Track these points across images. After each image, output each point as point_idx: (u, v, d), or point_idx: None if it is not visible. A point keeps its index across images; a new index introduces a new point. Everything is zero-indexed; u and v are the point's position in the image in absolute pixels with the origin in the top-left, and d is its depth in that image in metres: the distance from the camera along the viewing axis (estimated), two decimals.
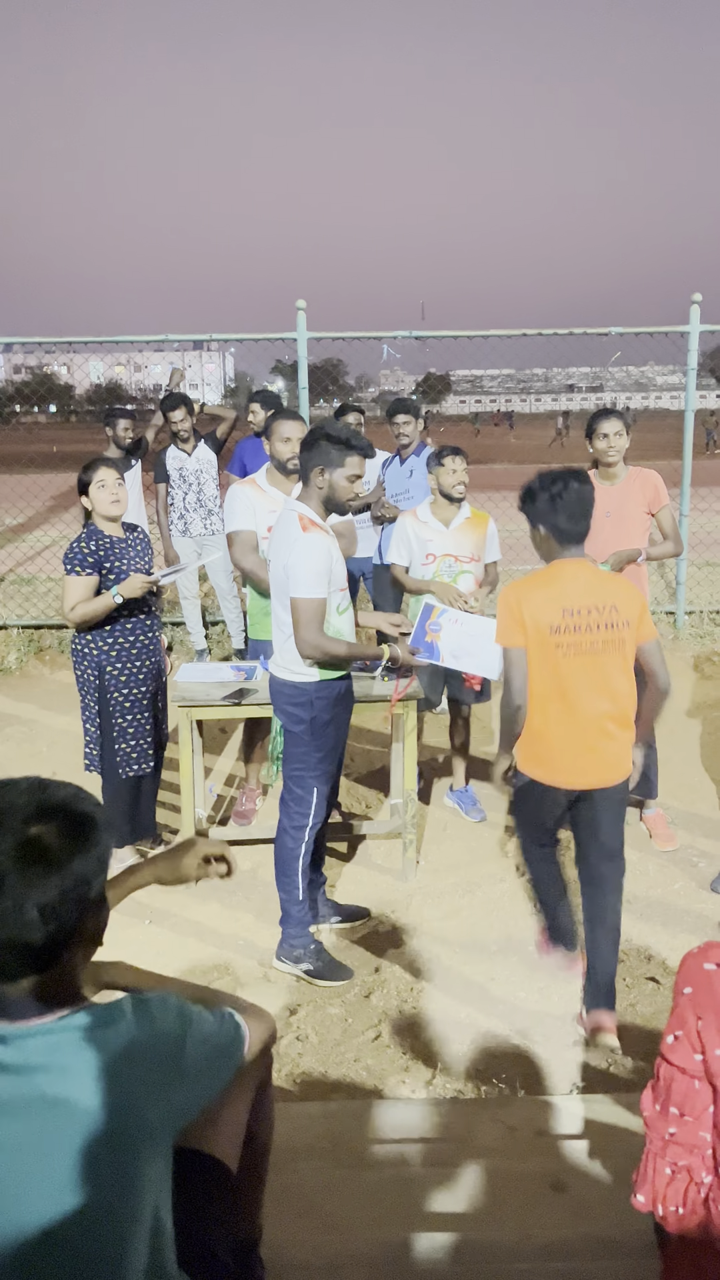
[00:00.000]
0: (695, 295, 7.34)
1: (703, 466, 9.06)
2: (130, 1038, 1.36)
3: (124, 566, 3.97)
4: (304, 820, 3.59)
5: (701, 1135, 1.40)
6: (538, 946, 3.64)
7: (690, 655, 7.26)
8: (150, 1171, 1.33)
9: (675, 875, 4.28)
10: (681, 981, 1.43)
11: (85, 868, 1.33)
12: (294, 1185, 2.23)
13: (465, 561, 4.64)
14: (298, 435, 4.24)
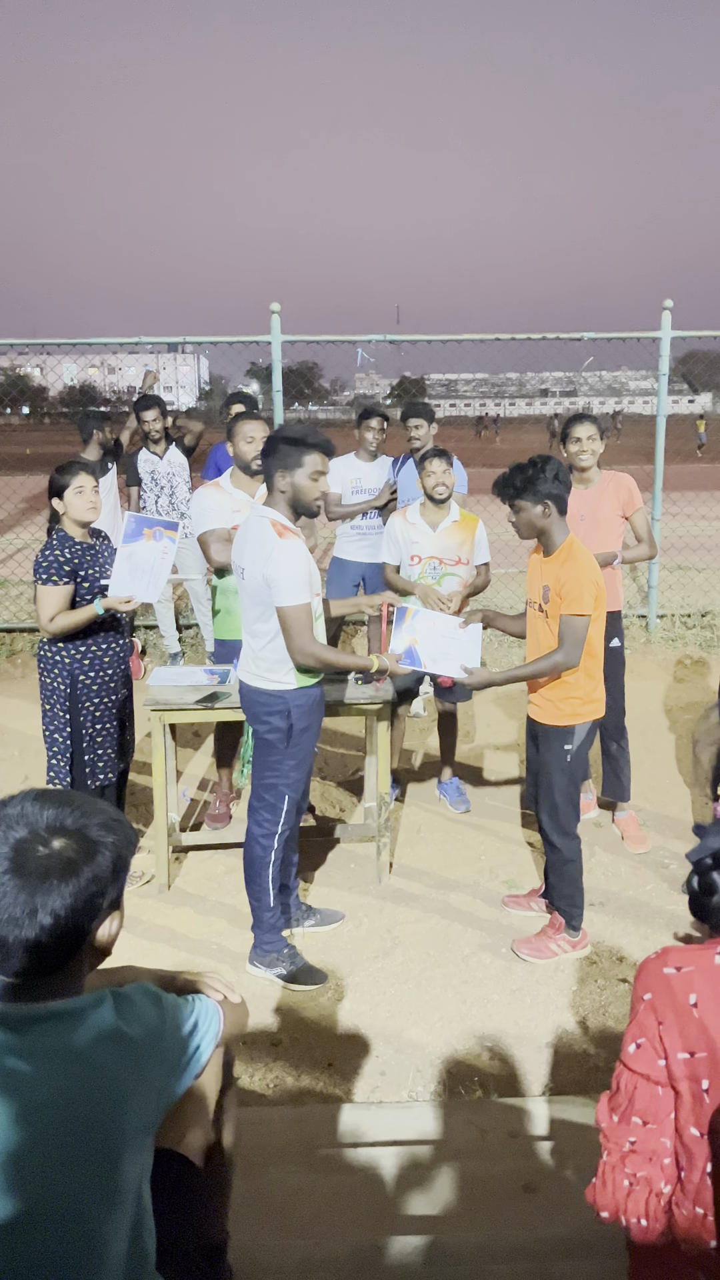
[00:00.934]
0: (666, 301, 7.40)
1: (677, 471, 9.12)
2: (112, 1025, 1.40)
3: (95, 574, 3.93)
4: (274, 827, 3.58)
5: (663, 1141, 1.41)
6: (552, 939, 3.66)
7: (662, 659, 7.31)
8: (130, 1156, 1.36)
9: (647, 877, 4.30)
10: (641, 988, 1.43)
11: (100, 877, 1.42)
12: (265, 1190, 2.22)
13: (451, 564, 4.65)
14: (260, 435, 4.31)
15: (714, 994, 1.36)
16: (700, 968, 1.39)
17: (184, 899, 4.16)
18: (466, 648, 3.90)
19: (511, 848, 4.60)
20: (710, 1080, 1.35)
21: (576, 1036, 3.26)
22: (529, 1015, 3.37)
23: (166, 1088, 1.47)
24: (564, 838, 3.62)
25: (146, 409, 6.67)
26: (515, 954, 3.61)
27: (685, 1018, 1.37)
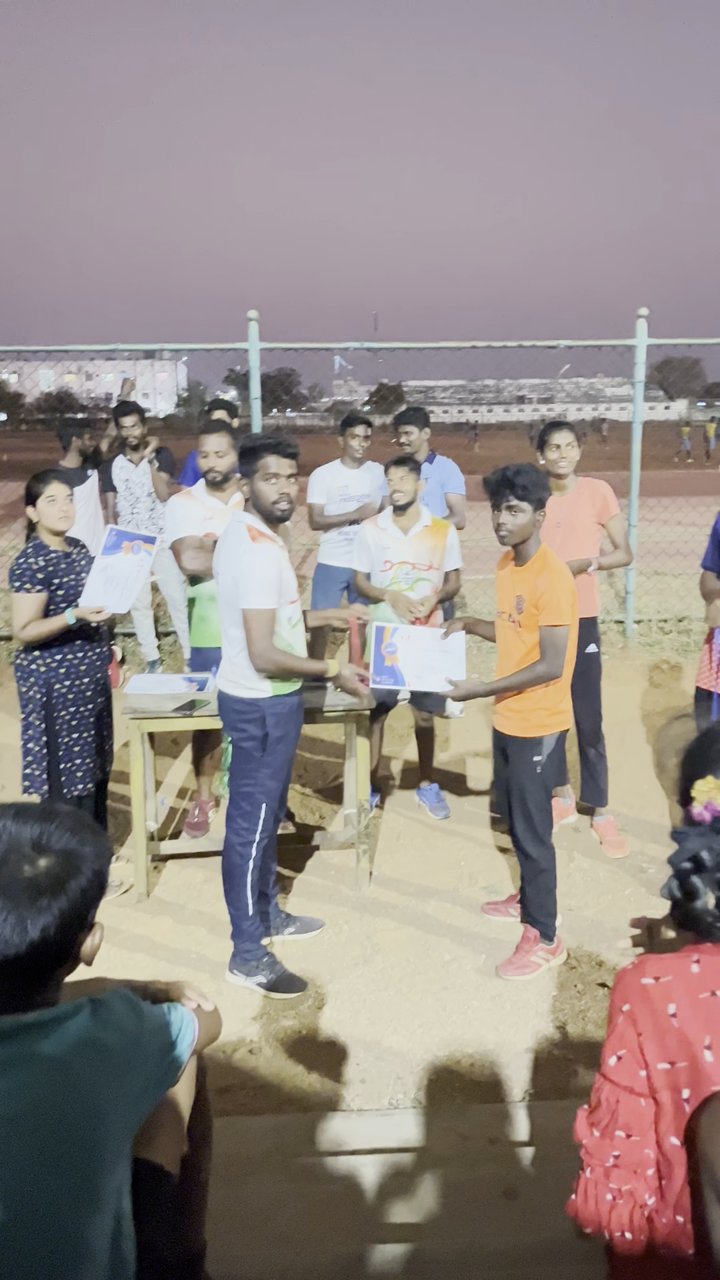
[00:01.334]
0: (641, 310, 7.46)
1: (653, 477, 9.18)
2: (90, 1033, 1.41)
3: (71, 582, 3.92)
4: (251, 836, 3.57)
5: (646, 1153, 1.41)
6: (532, 951, 3.66)
7: (639, 664, 7.36)
8: (110, 1164, 1.37)
9: (626, 881, 4.32)
10: (619, 999, 1.43)
11: (85, 892, 1.44)
12: (244, 1199, 2.21)
13: (423, 569, 4.67)
14: (215, 448, 4.39)
15: (692, 1003, 1.37)
16: (678, 977, 1.39)
17: (163, 908, 4.14)
18: (450, 660, 3.90)
19: (491, 854, 4.61)
20: (691, 1089, 1.35)
21: (556, 1042, 3.27)
22: (509, 1021, 3.38)
23: (145, 1095, 1.47)
24: (539, 847, 3.63)
25: (125, 415, 6.66)
26: (503, 978, 3.61)
27: (665, 1028, 1.38)
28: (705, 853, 1.33)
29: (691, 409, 76.47)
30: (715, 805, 1.35)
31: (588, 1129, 1.45)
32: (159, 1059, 1.51)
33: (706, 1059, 1.34)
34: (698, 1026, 1.35)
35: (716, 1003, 1.35)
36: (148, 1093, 1.48)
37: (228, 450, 4.45)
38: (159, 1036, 1.53)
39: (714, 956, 1.39)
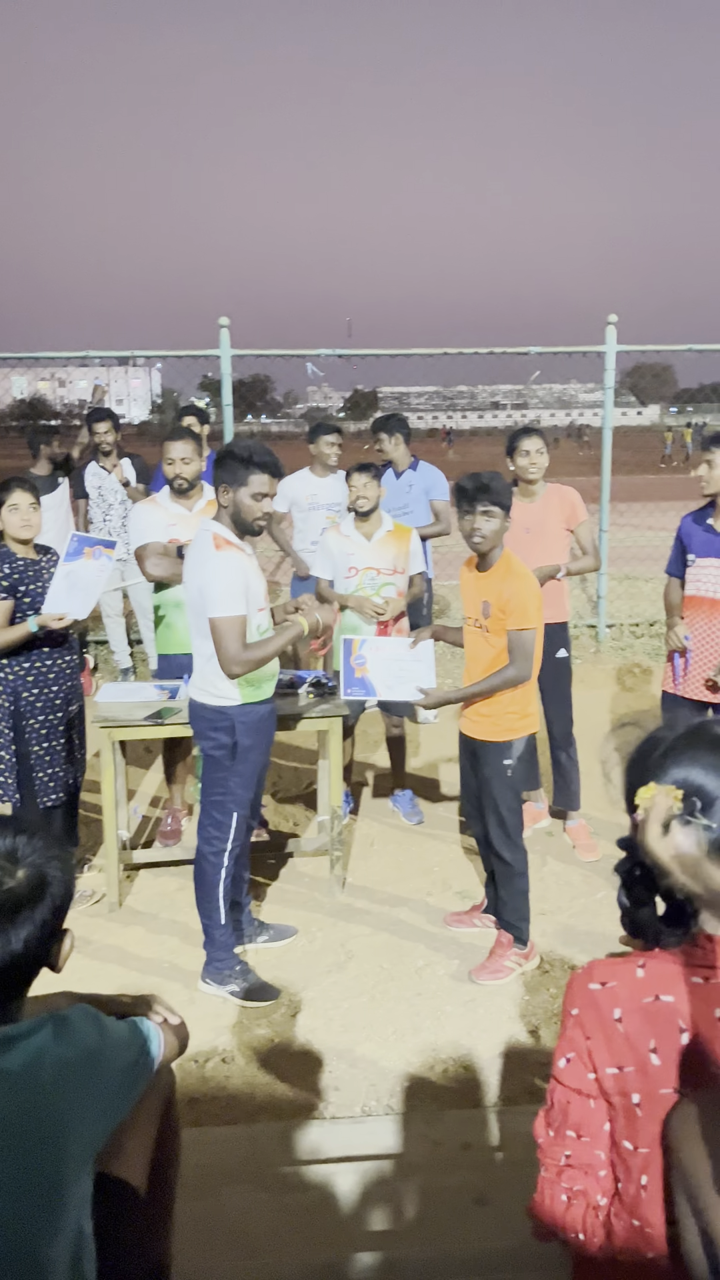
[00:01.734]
0: (611, 316, 7.53)
1: (623, 482, 9.24)
2: (51, 1049, 1.40)
3: (39, 589, 3.89)
4: (223, 845, 3.56)
5: (597, 1154, 1.42)
6: (505, 956, 3.66)
7: (611, 667, 7.40)
8: (73, 1181, 1.35)
9: (599, 885, 4.34)
10: (569, 1003, 1.44)
11: (58, 903, 1.47)
12: (216, 1210, 2.20)
13: (388, 574, 4.69)
14: (181, 455, 4.38)
15: (637, 1008, 1.38)
16: (623, 982, 1.40)
17: (135, 917, 4.12)
18: (419, 668, 3.91)
19: (464, 859, 4.62)
20: (640, 1094, 1.36)
21: (529, 1046, 3.28)
22: (482, 1026, 3.38)
23: (108, 1112, 1.46)
24: (512, 850, 3.65)
25: (98, 421, 6.63)
26: (476, 983, 3.61)
27: (611, 1033, 1.39)
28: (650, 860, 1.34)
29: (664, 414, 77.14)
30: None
31: (544, 1128, 1.46)
32: (123, 1075, 1.50)
33: (654, 1063, 1.35)
34: (643, 1031, 1.36)
35: (661, 1007, 1.36)
36: (111, 1109, 1.47)
37: (193, 457, 4.45)
38: (123, 1052, 1.52)
39: (659, 962, 1.40)
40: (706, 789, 1.36)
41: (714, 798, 1.35)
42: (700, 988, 1.36)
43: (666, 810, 1.35)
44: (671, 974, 1.38)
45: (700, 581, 4.12)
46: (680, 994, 1.36)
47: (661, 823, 1.34)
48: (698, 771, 1.37)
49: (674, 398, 74.02)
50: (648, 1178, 1.36)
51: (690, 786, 1.37)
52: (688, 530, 4.22)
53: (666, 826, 1.34)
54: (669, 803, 1.36)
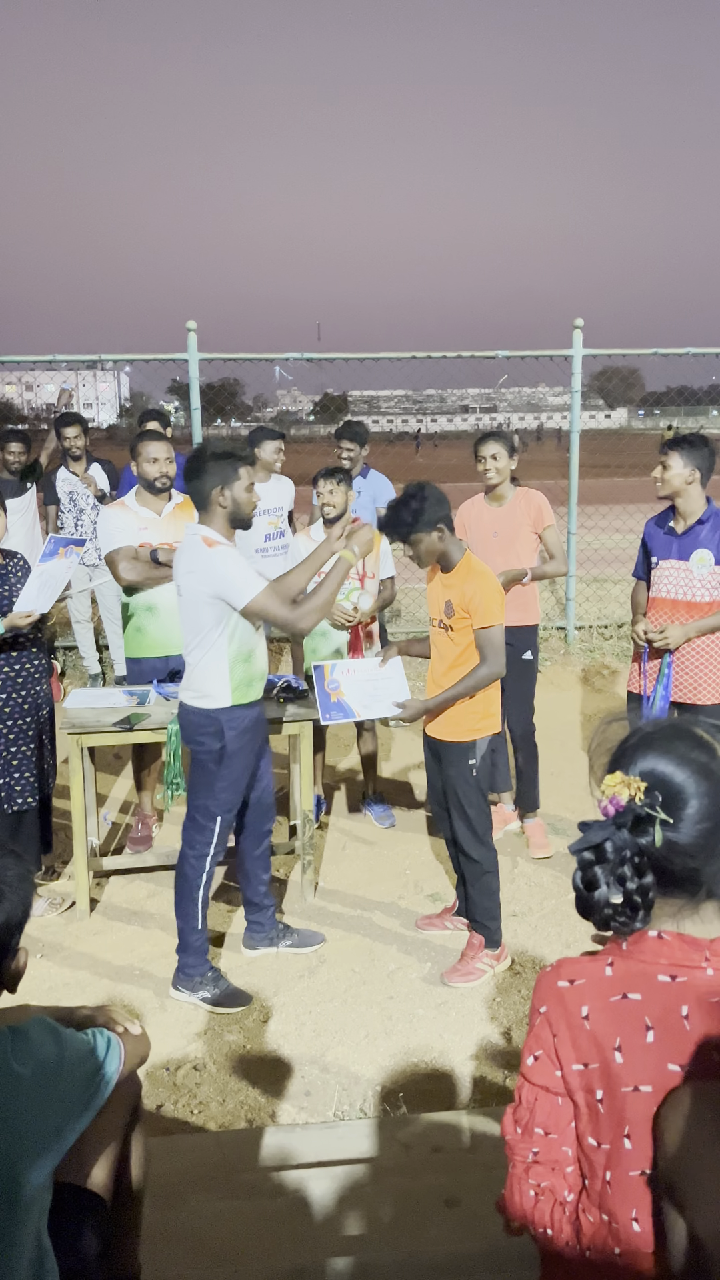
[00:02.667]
0: (577, 320, 7.58)
1: (590, 485, 9.31)
2: (5, 1060, 1.38)
3: (5, 593, 3.86)
4: (205, 849, 3.55)
5: (564, 1150, 1.43)
6: (477, 958, 3.67)
7: (580, 668, 7.45)
8: (30, 1194, 1.33)
9: (569, 885, 4.35)
10: (537, 1000, 1.45)
11: (11, 919, 1.46)
12: (184, 1218, 2.19)
13: (359, 579, 4.69)
14: (164, 455, 4.37)
15: (604, 1006, 1.39)
16: (591, 980, 1.41)
17: (105, 924, 4.09)
18: (392, 684, 3.92)
19: (436, 862, 4.62)
20: (604, 1090, 1.37)
21: (500, 1048, 3.29)
22: (454, 1029, 3.39)
23: (67, 1126, 1.44)
24: (481, 848, 3.66)
25: (67, 426, 6.58)
26: (449, 985, 3.62)
27: (578, 1030, 1.40)
28: (608, 845, 1.35)
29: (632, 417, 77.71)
30: (619, 799, 1.37)
31: (512, 1125, 1.47)
32: (82, 1087, 1.49)
33: (617, 1060, 1.36)
34: (608, 1029, 1.38)
35: (627, 1005, 1.38)
36: (70, 1123, 1.45)
37: (172, 456, 4.43)
38: (82, 1064, 1.50)
39: (627, 961, 1.41)
40: (671, 782, 1.37)
41: (677, 791, 1.37)
42: (667, 986, 1.37)
43: (628, 801, 1.37)
44: (639, 973, 1.39)
45: (661, 583, 4.15)
46: (647, 992, 1.38)
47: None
48: (665, 764, 1.39)
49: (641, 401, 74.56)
50: (611, 1173, 1.37)
51: (654, 778, 1.38)
52: (650, 533, 4.26)
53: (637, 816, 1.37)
54: (629, 793, 1.37)
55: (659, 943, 1.39)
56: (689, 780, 1.38)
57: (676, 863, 1.36)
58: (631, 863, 1.36)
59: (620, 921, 1.37)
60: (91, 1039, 1.57)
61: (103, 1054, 1.57)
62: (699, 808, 1.37)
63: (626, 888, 1.35)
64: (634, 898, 1.35)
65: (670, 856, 1.36)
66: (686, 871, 1.37)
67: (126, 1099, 1.69)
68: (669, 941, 1.39)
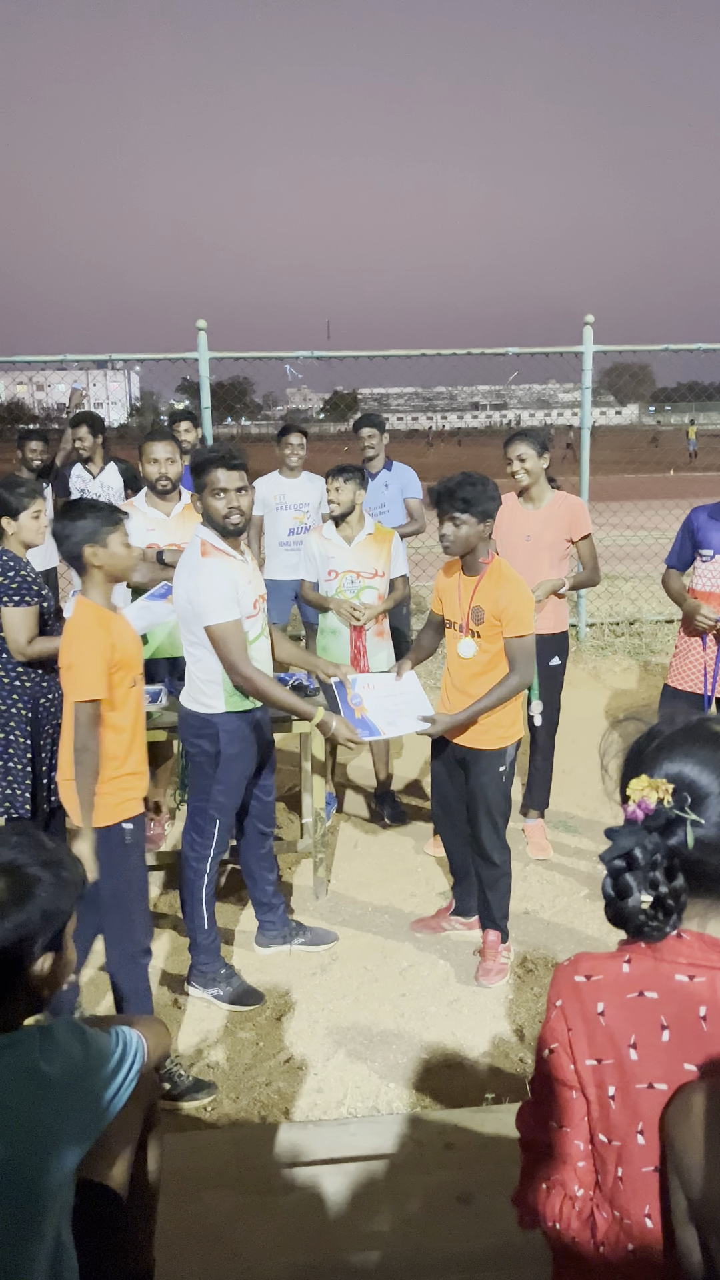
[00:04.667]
0: (588, 317, 7.56)
1: (601, 482, 9.28)
2: (32, 1065, 1.38)
3: (48, 596, 3.87)
4: (205, 851, 3.56)
5: (577, 1144, 1.43)
6: (499, 954, 3.68)
7: (592, 667, 7.43)
8: (54, 1192, 1.34)
9: (581, 884, 4.36)
10: (554, 994, 1.46)
11: (28, 922, 1.43)
12: (199, 1214, 2.20)
13: (368, 577, 4.68)
14: (167, 455, 4.37)
15: (620, 1003, 1.39)
16: (609, 976, 1.41)
17: None
18: (412, 698, 3.87)
19: (447, 861, 4.62)
20: (616, 1086, 1.37)
21: (513, 1045, 3.29)
22: (466, 1026, 3.39)
23: (92, 1122, 1.45)
24: (504, 853, 3.66)
25: (78, 425, 6.59)
26: (485, 985, 3.61)
27: (593, 1025, 1.40)
28: (638, 850, 1.35)
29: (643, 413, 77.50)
30: (648, 803, 1.37)
31: (526, 1119, 1.48)
32: (106, 1086, 1.50)
33: (631, 1057, 1.36)
34: (624, 1026, 1.38)
35: (643, 1003, 1.38)
36: (94, 1120, 1.46)
37: (176, 457, 4.44)
38: (106, 1063, 1.51)
39: (644, 957, 1.41)
40: (698, 784, 1.37)
41: (705, 793, 1.37)
42: (684, 985, 1.37)
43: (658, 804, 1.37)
44: (656, 971, 1.39)
45: (713, 577, 4.03)
46: (664, 991, 1.38)
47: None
48: (690, 766, 1.39)
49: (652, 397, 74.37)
50: (624, 1170, 1.37)
51: (681, 781, 1.38)
52: (702, 524, 4.10)
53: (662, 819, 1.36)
54: (658, 796, 1.37)
55: (678, 942, 1.39)
56: (715, 780, 1.38)
57: (708, 862, 1.36)
58: (663, 866, 1.36)
59: (653, 927, 1.37)
60: (114, 1038, 1.57)
61: (126, 1052, 1.57)
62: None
63: (659, 891, 1.35)
64: (666, 901, 1.35)
65: (702, 856, 1.36)
66: (717, 870, 1.37)
67: (143, 1096, 1.69)
68: (689, 941, 1.39)
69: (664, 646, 7.79)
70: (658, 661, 7.50)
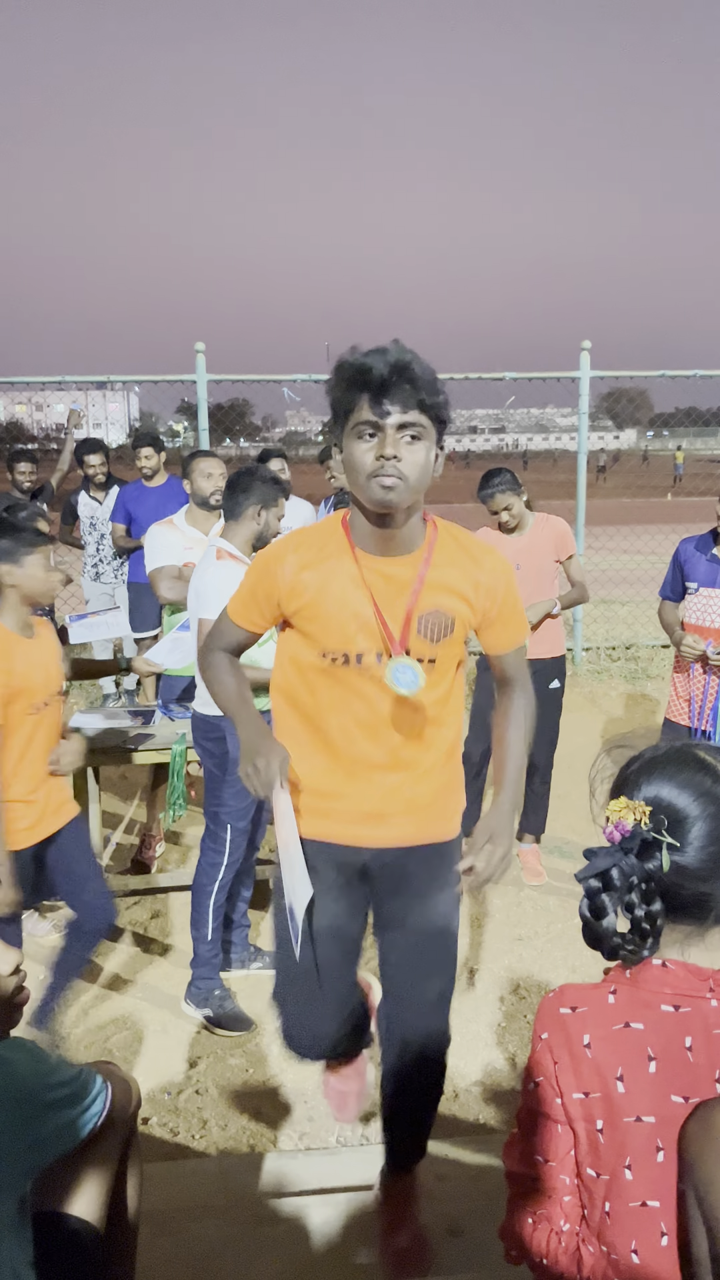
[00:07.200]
0: (585, 342, 7.61)
1: (597, 506, 9.32)
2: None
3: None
4: (218, 858, 3.54)
5: (562, 1179, 1.42)
6: None
7: (587, 691, 7.43)
8: (2, 1217, 1.28)
9: (574, 911, 4.32)
10: (539, 1027, 1.44)
11: None
12: (184, 1246, 2.17)
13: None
14: (218, 471, 4.37)
15: (606, 1035, 1.38)
16: (594, 1008, 1.40)
17: (107, 946, 4.07)
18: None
19: None
20: (604, 1120, 1.36)
21: (505, 1074, 3.26)
22: (458, 1053, 3.35)
23: (40, 1145, 1.39)
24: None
25: (90, 453, 6.57)
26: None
27: (579, 1058, 1.39)
28: (614, 871, 1.35)
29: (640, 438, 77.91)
30: (625, 825, 1.37)
31: (512, 1152, 1.46)
32: (60, 1109, 1.44)
33: (619, 1090, 1.35)
34: (610, 1058, 1.36)
35: (629, 1034, 1.36)
36: (45, 1142, 1.41)
37: (225, 473, 4.42)
38: (62, 1089, 1.46)
39: (630, 989, 1.40)
40: (675, 806, 1.37)
41: (683, 816, 1.36)
42: (670, 1016, 1.36)
43: (634, 825, 1.36)
44: (642, 1002, 1.38)
45: (707, 611, 4.01)
46: (650, 1022, 1.36)
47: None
48: (668, 789, 1.38)
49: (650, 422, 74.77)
50: (611, 1204, 1.35)
51: (659, 803, 1.38)
52: (688, 556, 4.10)
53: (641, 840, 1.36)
54: (635, 818, 1.37)
55: (663, 971, 1.38)
56: (693, 803, 1.37)
57: (686, 887, 1.35)
58: (639, 889, 1.35)
59: (629, 950, 1.36)
60: (77, 1070, 1.52)
61: (86, 1084, 1.52)
62: (705, 830, 1.36)
63: (635, 914, 1.35)
64: (642, 925, 1.35)
65: (679, 881, 1.35)
66: (695, 896, 1.36)
67: (121, 1126, 1.66)
68: (673, 971, 1.38)
69: (660, 671, 7.79)
70: (654, 686, 7.50)
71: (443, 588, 2.06)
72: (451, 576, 2.07)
